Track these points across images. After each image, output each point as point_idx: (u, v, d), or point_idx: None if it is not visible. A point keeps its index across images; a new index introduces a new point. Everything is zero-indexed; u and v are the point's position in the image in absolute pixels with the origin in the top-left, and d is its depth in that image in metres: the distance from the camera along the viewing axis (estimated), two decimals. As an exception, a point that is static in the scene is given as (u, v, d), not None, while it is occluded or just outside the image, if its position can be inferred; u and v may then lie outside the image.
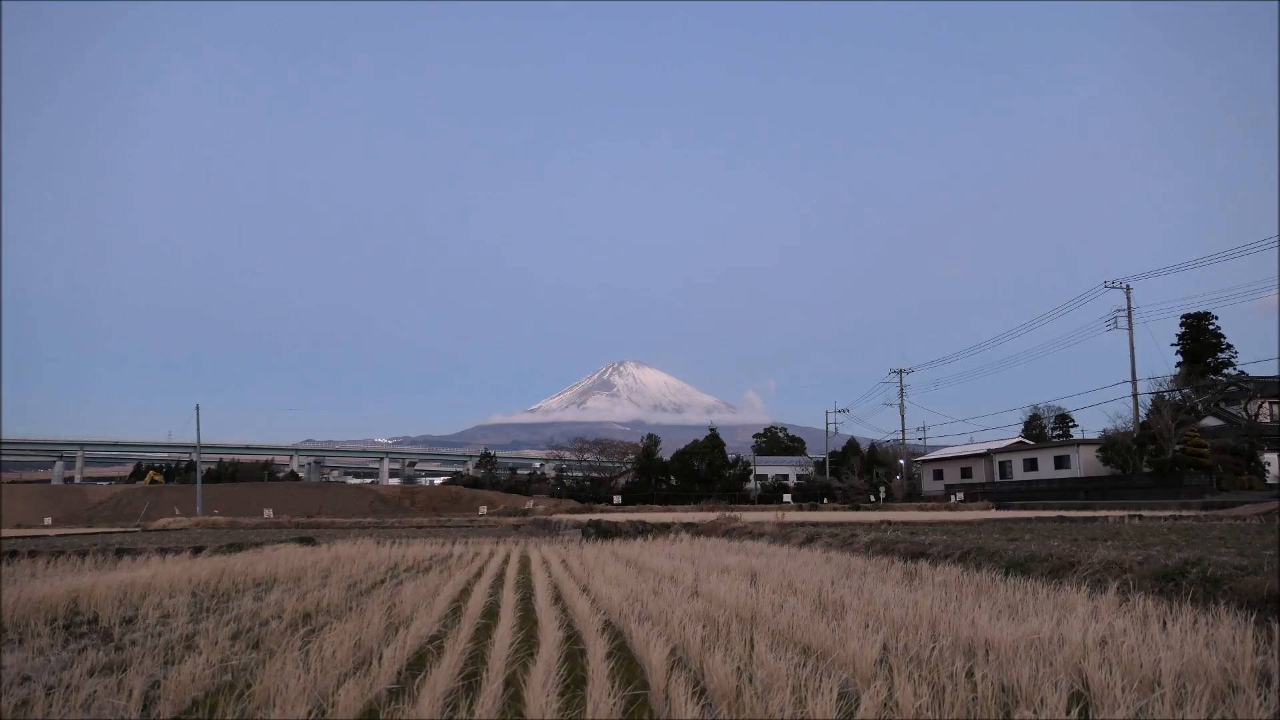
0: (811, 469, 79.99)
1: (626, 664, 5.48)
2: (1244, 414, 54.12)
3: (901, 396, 74.26)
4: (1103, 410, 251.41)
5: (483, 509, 55.66)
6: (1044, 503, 44.89)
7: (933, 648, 5.44)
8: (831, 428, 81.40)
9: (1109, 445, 49.72)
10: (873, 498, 62.59)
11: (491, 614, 8.03)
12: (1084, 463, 52.07)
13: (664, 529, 23.61)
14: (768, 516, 26.69)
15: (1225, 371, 60.14)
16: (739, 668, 4.81)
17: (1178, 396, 53.34)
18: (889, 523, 22.72)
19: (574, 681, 4.98)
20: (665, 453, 75.01)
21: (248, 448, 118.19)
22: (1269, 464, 49.30)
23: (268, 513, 49.75)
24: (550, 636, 6.21)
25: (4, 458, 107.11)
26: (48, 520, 56.14)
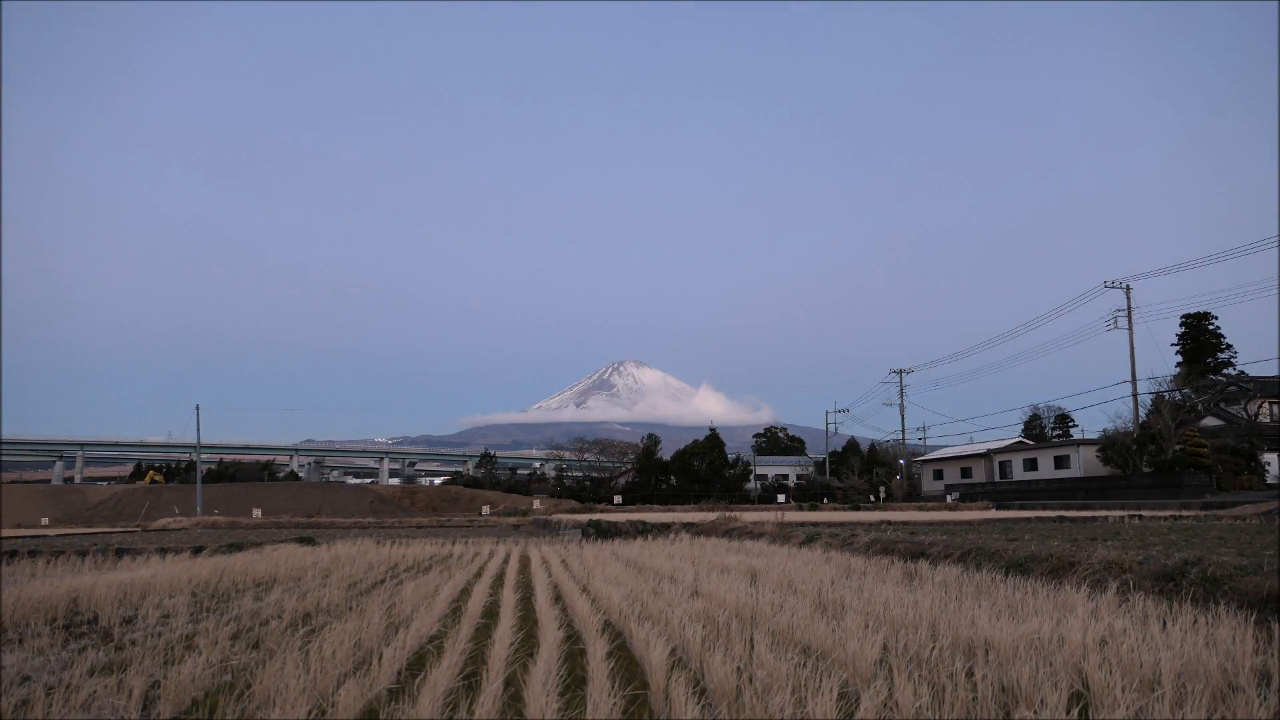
0: (811, 469, 79.95)
1: (626, 664, 5.47)
2: (1244, 414, 54.10)
3: (901, 396, 74.35)
4: (1103, 410, 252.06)
5: (485, 508, 55.65)
6: (1044, 503, 44.87)
7: (933, 648, 5.44)
8: (831, 428, 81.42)
9: (1109, 445, 49.67)
10: (872, 498, 62.54)
11: (491, 614, 8.02)
12: (1084, 463, 52.03)
13: (664, 529, 23.60)
14: (768, 516, 26.68)
15: (1225, 371, 60.11)
16: (739, 668, 4.81)
17: (1178, 396, 53.31)
18: (889, 523, 22.72)
19: (574, 681, 4.98)
20: (665, 453, 74.96)
21: (248, 448, 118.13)
22: (1269, 464, 49.26)
23: (257, 513, 49.61)
24: (550, 636, 6.21)
25: (4, 458, 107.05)
26: (45, 520, 56.14)
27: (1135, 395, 51.61)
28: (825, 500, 61.37)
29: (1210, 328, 62.56)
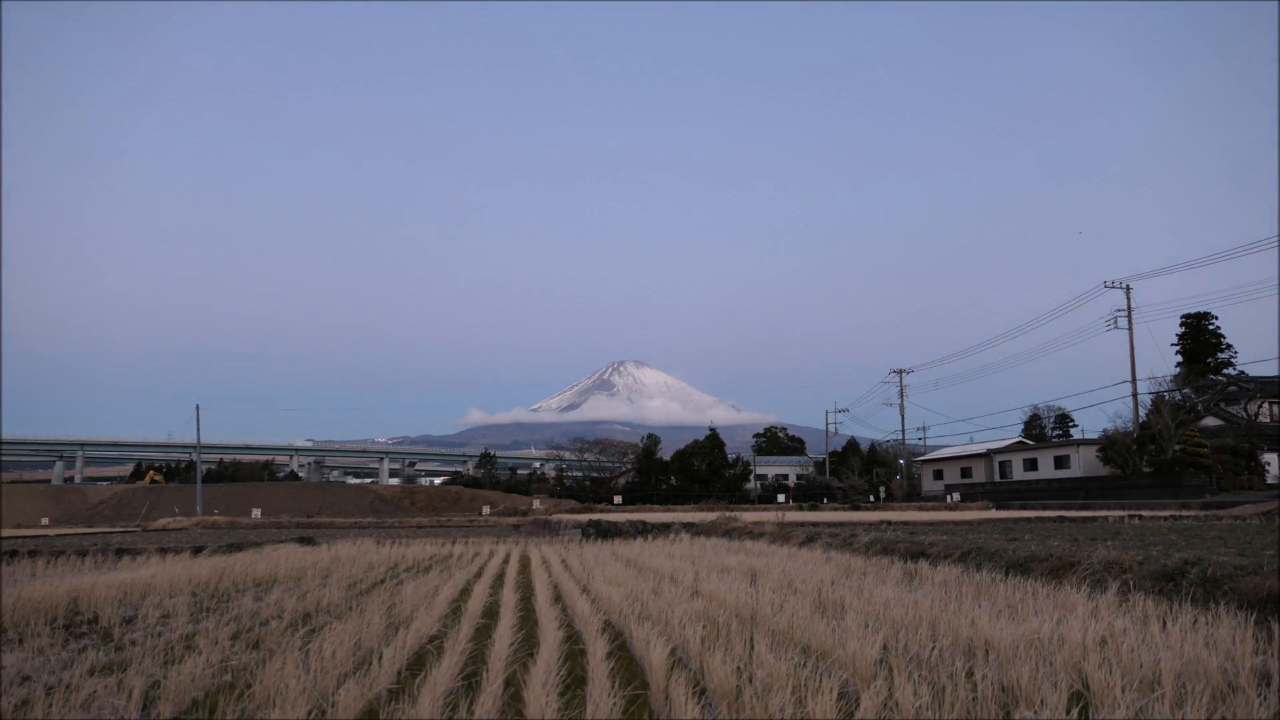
0: (811, 469, 79.95)
1: (626, 664, 5.47)
2: (1244, 414, 54.08)
3: (901, 396, 74.29)
4: (1103, 410, 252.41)
5: (485, 509, 55.64)
6: (1044, 503, 44.86)
7: (933, 648, 5.44)
8: (831, 428, 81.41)
9: (1109, 445, 49.67)
10: (872, 498, 62.54)
11: (491, 614, 8.02)
12: (1084, 463, 52.02)
13: (664, 529, 23.59)
14: (768, 516, 26.67)
15: (1225, 371, 60.09)
16: (739, 668, 4.81)
17: (1178, 396, 53.28)
18: (889, 523, 22.72)
19: (574, 681, 4.98)
20: (665, 453, 74.98)
21: (248, 448, 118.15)
22: (1269, 464, 49.25)
23: (256, 513, 49.58)
24: (550, 636, 6.21)
25: (4, 458, 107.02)
26: (45, 520, 56.14)
27: (1135, 395, 51.66)
28: (825, 500, 61.37)
29: (1210, 328, 62.53)
